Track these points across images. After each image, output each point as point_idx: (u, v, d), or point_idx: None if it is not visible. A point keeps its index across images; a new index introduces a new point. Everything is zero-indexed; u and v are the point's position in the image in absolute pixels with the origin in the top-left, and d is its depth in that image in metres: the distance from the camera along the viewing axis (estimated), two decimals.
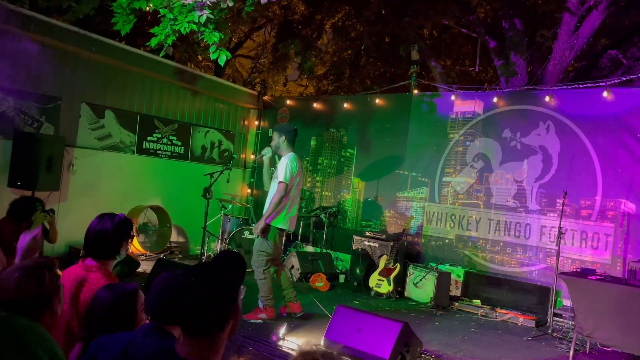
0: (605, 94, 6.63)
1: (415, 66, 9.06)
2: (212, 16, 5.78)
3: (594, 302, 5.09)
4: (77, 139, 7.91)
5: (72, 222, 7.58)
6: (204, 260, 8.00)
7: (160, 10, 5.89)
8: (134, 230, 8.03)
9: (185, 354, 1.64)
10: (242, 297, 1.79)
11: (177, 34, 5.62)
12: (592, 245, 6.62)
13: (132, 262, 6.99)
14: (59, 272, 2.20)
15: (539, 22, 10.36)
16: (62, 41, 7.49)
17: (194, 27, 5.80)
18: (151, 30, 5.75)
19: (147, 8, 6.18)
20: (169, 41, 6.00)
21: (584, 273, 5.49)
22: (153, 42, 6.00)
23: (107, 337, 1.93)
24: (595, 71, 9.22)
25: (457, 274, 7.33)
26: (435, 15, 10.05)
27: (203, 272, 1.72)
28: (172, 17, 5.71)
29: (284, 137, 5.83)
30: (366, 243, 7.95)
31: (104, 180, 8.17)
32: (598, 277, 5.31)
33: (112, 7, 6.17)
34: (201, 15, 5.23)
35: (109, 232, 2.70)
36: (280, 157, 5.88)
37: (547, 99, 7.08)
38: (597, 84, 6.82)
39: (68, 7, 7.90)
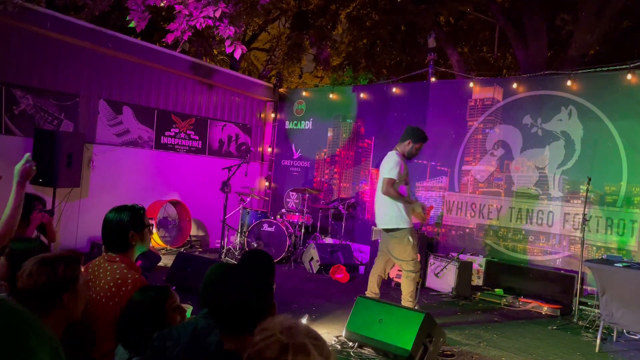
0: (629, 76, 6.46)
1: (432, 54, 8.93)
2: (227, 10, 5.77)
3: (621, 289, 4.98)
4: (96, 135, 7.98)
5: (93, 217, 7.66)
6: (223, 255, 8.04)
7: (175, 6, 5.90)
8: (155, 222, 8.10)
9: (230, 347, 1.71)
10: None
11: (192, 30, 5.62)
12: (618, 232, 6.47)
13: (153, 256, 7.04)
14: (82, 267, 2.20)
15: (558, 6, 10.13)
16: (79, 38, 7.54)
17: (209, 22, 5.80)
18: (167, 28, 5.76)
19: (162, 4, 6.19)
20: (184, 36, 6.01)
21: (610, 260, 5.38)
22: (174, 41, 6.01)
23: (169, 329, 2.04)
24: (618, 54, 8.98)
25: (479, 263, 7.24)
26: (452, 1, 9.88)
27: (239, 275, 1.76)
28: (187, 13, 5.71)
29: None
30: None
31: (124, 176, 8.23)
32: (625, 264, 5.19)
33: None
34: (216, 9, 5.21)
35: (115, 224, 2.69)
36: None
37: (568, 83, 6.92)
38: (620, 67, 6.63)
39: (84, 5, 7.94)
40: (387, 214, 5.30)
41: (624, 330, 5.61)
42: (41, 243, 2.96)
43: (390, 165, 5.24)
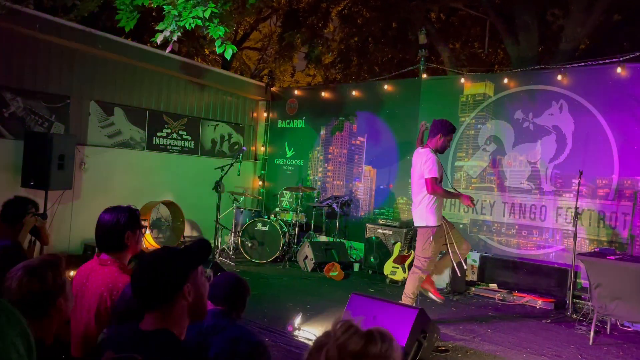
0: (619, 70, 6.48)
1: (423, 50, 8.94)
2: (216, 10, 5.74)
3: (614, 281, 5.01)
4: (87, 137, 7.94)
5: (86, 219, 7.61)
6: (217, 255, 8.02)
7: (164, 7, 5.86)
8: (148, 224, 8.07)
9: (148, 327, 1.78)
10: (205, 278, 1.88)
11: (181, 30, 5.59)
12: (610, 225, 6.50)
13: None
14: (65, 270, 2.17)
15: (549, 0, 10.15)
16: (69, 40, 7.50)
17: (199, 22, 5.77)
18: (156, 28, 5.73)
19: (150, 4, 6.16)
20: (174, 37, 5.97)
21: (603, 253, 5.41)
22: (157, 37, 5.97)
23: None
24: (609, 48, 9.01)
25: (472, 258, 7.25)
26: None
27: (153, 253, 1.86)
28: (176, 14, 5.68)
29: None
30: (379, 231, 7.90)
31: (116, 177, 8.20)
32: (617, 256, 5.22)
33: (116, 3, 6.15)
34: (205, 10, 5.18)
35: (111, 224, 2.68)
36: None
37: (559, 77, 6.94)
38: (610, 60, 6.65)
39: (72, 6, 7.88)
40: (418, 211, 5.38)
41: (618, 323, 5.65)
42: (14, 244, 2.94)
43: (429, 165, 5.24)
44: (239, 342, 2.22)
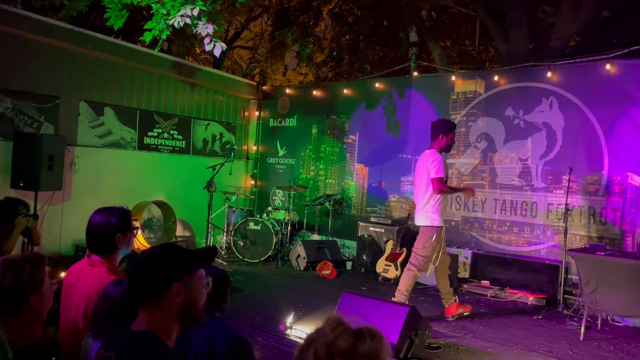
0: (608, 66, 6.51)
1: (414, 48, 8.95)
2: (204, 8, 5.71)
3: (604, 277, 5.04)
4: (77, 137, 7.88)
5: (77, 220, 7.57)
6: None
7: (152, 5, 5.82)
8: (139, 224, 8.04)
9: (138, 327, 1.76)
10: (202, 284, 1.85)
11: (171, 29, 5.57)
12: (600, 221, 6.54)
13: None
14: (47, 270, 2.15)
15: None
16: (57, 39, 7.44)
17: (187, 20, 5.73)
18: (145, 26, 5.69)
19: (139, 3, 6.11)
20: (163, 36, 5.93)
21: (593, 249, 5.44)
22: (147, 37, 5.93)
23: None
24: (598, 45, 9.06)
25: (464, 255, 7.28)
26: None
27: (155, 246, 1.87)
28: (164, 12, 5.64)
29: None
30: (372, 229, 7.91)
31: (107, 178, 8.15)
32: (607, 252, 5.25)
33: (104, 2, 6.10)
34: (194, 8, 5.16)
35: (102, 226, 2.66)
36: None
37: (549, 74, 6.97)
38: (600, 57, 6.69)
39: (61, 5, 7.82)
40: (423, 211, 5.43)
41: (609, 318, 5.69)
42: None
43: (436, 165, 5.33)
44: (218, 340, 2.17)
